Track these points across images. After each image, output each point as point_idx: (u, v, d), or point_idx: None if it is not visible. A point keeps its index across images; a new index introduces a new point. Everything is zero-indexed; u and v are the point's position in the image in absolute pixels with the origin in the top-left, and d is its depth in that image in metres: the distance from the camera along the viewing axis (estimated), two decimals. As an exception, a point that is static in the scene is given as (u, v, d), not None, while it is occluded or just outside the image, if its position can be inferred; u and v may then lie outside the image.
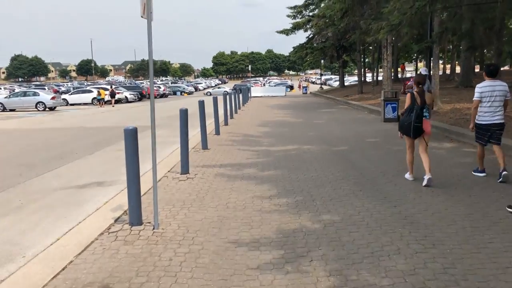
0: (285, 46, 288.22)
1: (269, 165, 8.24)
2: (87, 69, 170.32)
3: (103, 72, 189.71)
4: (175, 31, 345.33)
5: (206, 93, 56.19)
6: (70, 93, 37.87)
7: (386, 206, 5.50)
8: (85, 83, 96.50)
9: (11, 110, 28.87)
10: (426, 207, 5.42)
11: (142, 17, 4.90)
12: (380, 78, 30.48)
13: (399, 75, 40.93)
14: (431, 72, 15.23)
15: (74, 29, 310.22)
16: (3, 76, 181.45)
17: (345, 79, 60.02)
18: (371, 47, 35.47)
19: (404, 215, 5.16)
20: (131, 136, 5.02)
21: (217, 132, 12.97)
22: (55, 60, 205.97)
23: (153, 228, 4.97)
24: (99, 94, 34.10)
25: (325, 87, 52.30)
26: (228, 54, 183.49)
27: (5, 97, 29.79)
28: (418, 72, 12.33)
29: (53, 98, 29.20)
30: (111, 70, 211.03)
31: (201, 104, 10.37)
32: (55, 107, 29.64)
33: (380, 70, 30.77)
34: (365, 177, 7.06)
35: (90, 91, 37.60)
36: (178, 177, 7.40)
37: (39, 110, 28.50)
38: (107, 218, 5.45)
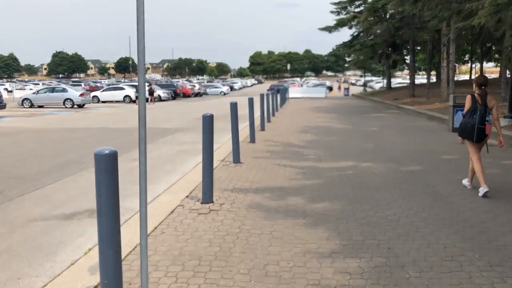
0: (323, 46, 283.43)
1: (321, 192, 6.08)
2: (125, 66, 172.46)
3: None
4: (213, 31, 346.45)
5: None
6: (101, 90, 36.82)
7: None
8: (122, 80, 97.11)
9: (39, 107, 27.83)
10: None
11: None
12: (432, 80, 27.62)
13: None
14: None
15: (115, 27, 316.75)
16: (45, 72, 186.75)
17: (385, 81, 57.02)
18: (417, 47, 32.55)
19: None
20: (107, 162, 3.00)
21: (252, 139, 10.89)
22: (95, 57, 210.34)
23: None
24: (137, 91, 33.03)
25: (367, 89, 49.38)
26: (265, 54, 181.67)
27: (33, 93, 28.80)
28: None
29: (81, 95, 27.96)
30: (149, 68, 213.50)
31: (234, 106, 8.31)
32: (83, 105, 28.42)
33: (431, 72, 27.93)
34: (467, 221, 4.80)
35: (122, 89, 36.46)
36: (198, 209, 5.35)
37: (67, 107, 27.32)
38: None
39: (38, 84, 74.49)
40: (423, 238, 4.32)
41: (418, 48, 34.98)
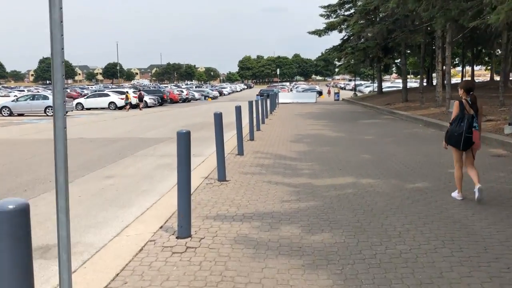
0: (312, 51, 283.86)
1: (319, 219, 5.20)
2: (113, 72, 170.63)
3: (129, 76, 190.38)
4: (201, 35, 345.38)
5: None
6: (86, 97, 35.68)
7: None
8: (109, 86, 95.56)
9: (19, 115, 26.68)
10: None
11: None
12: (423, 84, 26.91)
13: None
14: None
15: (102, 32, 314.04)
16: (31, 78, 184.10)
17: (375, 85, 56.49)
18: (407, 51, 31.88)
19: None
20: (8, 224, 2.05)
21: (240, 151, 9.99)
22: (83, 63, 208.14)
23: None
24: (126, 98, 32.85)
25: (358, 94, 48.77)
26: (254, 59, 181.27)
27: (13, 101, 27.61)
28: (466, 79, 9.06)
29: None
30: (137, 73, 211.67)
31: (218, 117, 7.39)
32: (66, 112, 27.22)
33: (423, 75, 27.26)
34: (499, 260, 3.94)
35: (107, 95, 35.37)
36: (172, 246, 4.43)
37: (48, 115, 26.20)
38: None
39: (24, 90, 72.94)
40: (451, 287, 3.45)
41: (408, 51, 34.45)
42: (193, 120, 21.78)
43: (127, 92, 35.32)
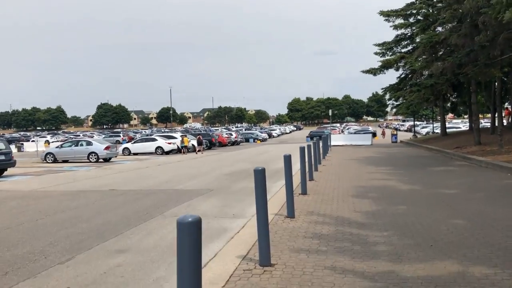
0: (361, 92, 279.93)
1: None
2: (166, 116, 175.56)
3: (181, 119, 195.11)
4: (252, 79, 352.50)
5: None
6: (132, 142, 35.10)
7: None
8: (162, 130, 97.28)
9: (64, 161, 26.08)
10: None
11: None
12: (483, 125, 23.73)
13: (504, 122, 33.28)
14: None
15: (157, 78, 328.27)
16: (90, 123, 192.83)
17: (434, 125, 52.80)
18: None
19: None
20: None
21: (290, 212, 7.89)
22: (138, 108, 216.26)
23: None
24: (182, 141, 33.12)
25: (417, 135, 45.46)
26: (304, 100, 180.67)
27: (57, 147, 27.19)
28: None
29: (107, 148, 26.03)
30: (189, 117, 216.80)
31: (259, 175, 5.38)
32: (110, 158, 26.44)
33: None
34: None
35: (154, 140, 34.61)
36: None
37: (91, 162, 25.40)
38: None
39: (79, 135, 75.31)
40: None
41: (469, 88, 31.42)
42: (239, 166, 19.99)
43: (184, 135, 35.49)
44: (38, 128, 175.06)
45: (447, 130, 40.14)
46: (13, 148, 47.01)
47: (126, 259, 5.95)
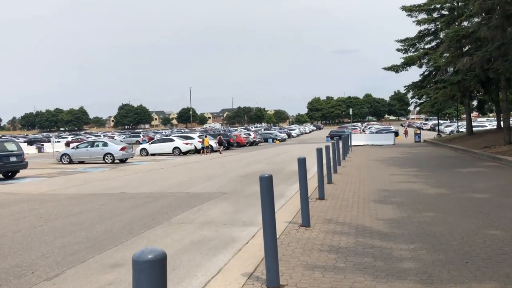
0: (382, 91, 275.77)
1: None
2: (187, 116, 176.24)
3: (201, 120, 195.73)
4: (271, 79, 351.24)
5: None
6: (150, 142, 34.79)
7: None
8: (182, 130, 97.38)
9: (80, 162, 25.88)
10: None
11: None
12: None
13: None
14: None
15: (177, 78, 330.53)
16: (112, 124, 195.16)
17: (458, 124, 51.00)
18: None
19: None
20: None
21: (305, 221, 7.18)
22: (159, 108, 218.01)
23: None
24: (203, 142, 32.98)
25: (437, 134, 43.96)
26: (324, 100, 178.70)
27: (72, 148, 26.99)
28: None
29: (122, 149, 25.69)
30: (209, 117, 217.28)
31: (265, 183, 4.67)
32: (126, 159, 26.11)
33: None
34: None
35: (171, 140, 34.24)
36: None
37: (107, 163, 25.11)
38: None
39: (100, 136, 75.79)
40: None
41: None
42: (255, 168, 19.34)
43: (205, 136, 35.26)
44: (61, 129, 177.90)
45: (473, 129, 38.69)
46: (34, 149, 47.58)
47: (120, 275, 5.34)
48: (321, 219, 7.64)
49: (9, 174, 17.61)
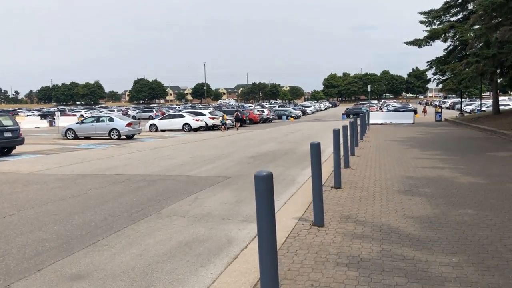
0: (400, 68, 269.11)
1: None
2: (201, 92, 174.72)
3: (216, 95, 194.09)
4: (287, 54, 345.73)
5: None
6: (159, 118, 33.67)
7: None
8: (196, 106, 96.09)
9: (86, 138, 24.93)
10: None
11: None
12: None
13: None
14: None
15: (192, 54, 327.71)
16: (127, 98, 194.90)
17: (478, 102, 48.70)
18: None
19: None
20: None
21: (318, 220, 5.93)
22: (174, 83, 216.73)
23: None
24: (223, 118, 33.48)
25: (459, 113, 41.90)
26: (340, 76, 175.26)
27: (77, 123, 25.95)
28: None
29: (129, 124, 24.59)
30: (224, 93, 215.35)
31: (264, 183, 3.41)
32: (132, 135, 25.06)
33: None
34: None
35: (181, 116, 33.05)
36: None
37: (112, 139, 24.09)
38: None
39: (113, 110, 75.00)
40: None
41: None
42: (266, 147, 18.09)
43: (224, 113, 35.35)
44: (77, 102, 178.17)
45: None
46: (46, 123, 46.99)
47: (78, 292, 4.19)
48: (337, 215, 6.39)
49: (5, 150, 16.66)
